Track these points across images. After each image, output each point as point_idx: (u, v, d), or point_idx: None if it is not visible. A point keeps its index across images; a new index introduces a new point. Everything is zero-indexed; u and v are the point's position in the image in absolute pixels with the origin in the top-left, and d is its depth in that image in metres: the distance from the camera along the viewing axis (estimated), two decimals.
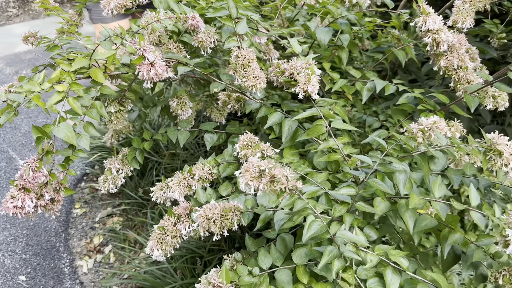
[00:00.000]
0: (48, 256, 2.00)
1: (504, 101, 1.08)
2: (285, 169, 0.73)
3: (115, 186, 1.18)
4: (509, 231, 0.70)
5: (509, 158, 0.77)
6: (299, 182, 0.72)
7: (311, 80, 0.95)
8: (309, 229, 0.72)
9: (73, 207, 2.28)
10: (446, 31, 1.00)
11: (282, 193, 0.72)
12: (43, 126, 0.91)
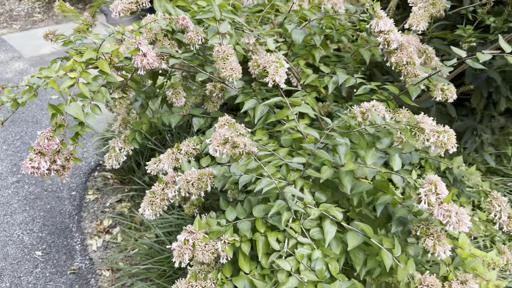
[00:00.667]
0: (62, 235, 2.22)
1: (451, 94, 1.24)
2: (244, 138, 0.92)
3: (118, 163, 1.39)
4: (421, 190, 0.88)
5: (430, 134, 0.94)
6: (254, 148, 0.91)
7: (279, 71, 1.14)
8: (259, 183, 0.91)
9: (87, 193, 2.50)
10: (396, 31, 1.18)
11: (240, 155, 0.91)
12: (58, 105, 1.12)
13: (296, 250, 0.92)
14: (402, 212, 0.95)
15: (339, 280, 0.88)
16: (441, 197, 0.86)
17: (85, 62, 1.19)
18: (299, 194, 0.94)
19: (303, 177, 1.02)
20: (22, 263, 2.04)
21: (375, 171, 0.95)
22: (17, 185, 2.51)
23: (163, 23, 1.23)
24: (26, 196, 2.43)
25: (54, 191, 2.48)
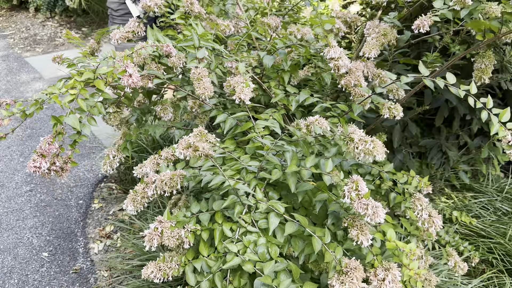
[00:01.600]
0: (67, 239, 2.43)
1: (398, 112, 1.43)
2: (204, 143, 1.13)
3: (111, 168, 1.60)
4: (345, 187, 1.06)
5: (358, 143, 1.13)
6: (211, 151, 1.11)
7: (244, 90, 1.35)
8: (214, 179, 1.11)
9: (93, 202, 2.73)
10: (345, 58, 1.38)
11: (200, 157, 1.11)
12: (58, 116, 1.35)
13: (245, 237, 1.11)
14: (334, 207, 1.13)
15: (276, 262, 1.06)
16: (361, 193, 1.04)
17: (84, 81, 1.42)
18: (248, 190, 1.13)
19: (259, 179, 1.21)
20: (30, 262, 2.25)
21: (310, 172, 1.14)
22: (30, 194, 2.75)
23: (150, 50, 1.46)
24: (37, 204, 2.67)
25: (63, 200, 2.71)
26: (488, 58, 1.44)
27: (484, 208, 2.28)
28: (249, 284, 1.09)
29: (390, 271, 1.09)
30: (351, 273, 1.02)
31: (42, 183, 2.84)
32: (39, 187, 2.81)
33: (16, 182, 2.84)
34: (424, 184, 1.51)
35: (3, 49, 5.20)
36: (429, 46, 1.99)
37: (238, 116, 1.38)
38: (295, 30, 1.66)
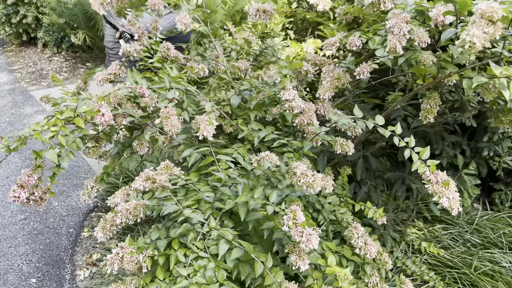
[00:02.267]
0: (56, 266, 2.54)
1: (349, 148, 1.56)
2: (162, 176, 1.26)
3: (89, 198, 1.74)
4: (285, 216, 1.19)
5: (300, 176, 1.26)
6: (167, 183, 1.24)
7: (207, 128, 1.49)
8: (168, 209, 1.23)
9: (82, 230, 2.85)
10: (298, 99, 1.52)
11: (157, 189, 1.24)
12: (39, 151, 1.49)
13: (196, 262, 1.22)
14: (278, 234, 1.25)
15: (222, 285, 1.17)
16: (297, 222, 1.16)
17: (65, 119, 1.57)
18: (200, 219, 1.26)
19: (216, 208, 1.34)
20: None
21: (257, 203, 1.26)
22: (24, 222, 2.88)
23: (126, 91, 1.62)
24: (30, 232, 2.80)
25: (55, 228, 2.84)
26: (434, 99, 1.57)
27: (453, 239, 2.36)
28: None
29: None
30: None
31: (36, 212, 2.98)
32: (33, 216, 2.94)
33: (12, 211, 2.97)
34: (379, 214, 1.62)
35: (10, 83, 5.45)
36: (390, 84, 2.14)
37: (202, 150, 1.52)
38: (262, 73, 1.82)
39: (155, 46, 1.91)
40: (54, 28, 5.94)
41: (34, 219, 2.91)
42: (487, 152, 2.33)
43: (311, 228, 1.17)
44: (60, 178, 3.39)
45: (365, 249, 1.30)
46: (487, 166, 2.51)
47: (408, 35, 1.28)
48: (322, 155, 1.90)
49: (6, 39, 6.82)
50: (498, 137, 2.27)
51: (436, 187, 1.14)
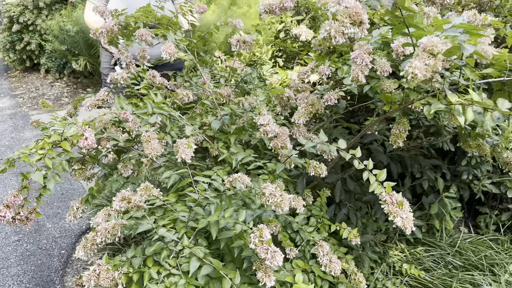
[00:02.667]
0: (46, 286, 2.59)
1: (322, 170, 1.63)
2: (137, 196, 1.33)
3: (75, 218, 1.81)
4: (252, 234, 1.25)
5: (269, 196, 1.33)
6: (142, 203, 1.32)
7: (185, 151, 1.57)
8: (141, 227, 1.30)
9: (74, 252, 2.90)
10: (272, 124, 1.60)
11: (132, 208, 1.32)
12: (26, 173, 1.57)
13: (168, 279, 1.28)
14: (247, 252, 1.31)
15: None
16: (264, 240, 1.23)
17: (52, 143, 1.66)
18: (173, 237, 1.32)
19: (190, 227, 1.41)
20: None
21: (227, 222, 1.33)
22: (17, 243, 2.94)
23: (110, 116, 1.71)
24: (23, 253, 2.85)
25: (47, 249, 2.90)
26: (403, 124, 1.65)
27: (435, 261, 2.40)
28: None
29: None
30: None
31: (29, 234, 3.04)
32: (26, 237, 3.00)
33: (6, 233, 3.04)
34: (353, 235, 1.68)
35: (12, 108, 5.59)
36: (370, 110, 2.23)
37: (181, 172, 1.59)
38: (243, 99, 1.91)
39: (142, 74, 2.01)
40: (56, 54, 6.11)
41: (27, 240, 2.97)
42: (466, 175, 2.40)
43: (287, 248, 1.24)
44: (54, 201, 3.46)
45: (330, 266, 1.36)
46: (470, 189, 2.57)
47: (370, 65, 1.37)
48: (301, 178, 1.97)
49: (10, 65, 7.00)
50: (476, 161, 2.34)
51: (391, 207, 1.20)
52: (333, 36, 1.11)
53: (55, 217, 3.25)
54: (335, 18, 1.11)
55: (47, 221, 3.19)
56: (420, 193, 2.58)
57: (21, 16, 6.32)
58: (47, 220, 3.20)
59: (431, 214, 2.55)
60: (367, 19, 1.12)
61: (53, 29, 5.73)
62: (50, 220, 3.21)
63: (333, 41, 1.12)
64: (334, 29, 1.10)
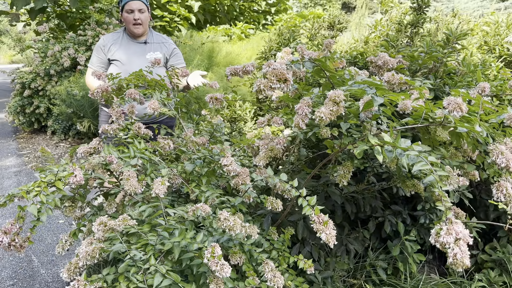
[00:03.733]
0: None
1: (278, 205, 1.89)
2: (112, 221, 1.60)
3: (63, 250, 2.05)
4: (206, 251, 1.49)
5: (223, 221, 1.59)
6: (118, 227, 1.57)
7: (159, 187, 1.85)
8: (115, 246, 1.55)
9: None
10: (234, 164, 1.89)
11: (107, 231, 1.57)
12: (23, 206, 1.84)
13: None
14: (203, 268, 1.55)
15: None
16: (215, 255, 1.47)
17: (47, 182, 1.94)
18: (141, 255, 1.56)
19: (157, 250, 1.65)
20: None
21: (188, 243, 1.57)
22: (12, 287, 3.12)
23: (98, 160, 2.01)
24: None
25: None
26: (347, 167, 1.93)
27: None
28: None
29: None
30: None
31: (23, 279, 3.23)
32: (20, 282, 3.19)
33: (2, 277, 3.23)
34: (308, 265, 1.90)
35: (18, 166, 5.92)
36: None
37: (154, 205, 1.86)
38: (215, 146, 2.21)
39: (130, 126, 2.33)
40: (62, 117, 6.54)
41: (21, 284, 3.16)
42: (423, 219, 2.63)
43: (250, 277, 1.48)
44: (50, 250, 3.67)
45: (273, 280, 1.58)
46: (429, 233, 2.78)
47: (310, 115, 1.68)
48: (267, 217, 2.22)
49: (19, 127, 7.44)
50: (430, 206, 2.58)
51: (319, 226, 1.45)
52: (262, 89, 1.43)
53: (49, 264, 3.45)
54: (265, 76, 1.44)
55: (42, 268, 3.39)
56: (385, 238, 2.80)
57: (32, 83, 6.85)
58: (42, 267, 3.40)
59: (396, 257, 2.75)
60: (291, 77, 1.45)
61: (61, 94, 6.20)
62: (45, 266, 3.41)
63: (263, 93, 1.43)
64: (263, 84, 1.43)
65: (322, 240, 1.50)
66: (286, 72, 1.45)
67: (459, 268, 1.18)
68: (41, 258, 3.54)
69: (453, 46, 2.52)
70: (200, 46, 7.35)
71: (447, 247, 1.17)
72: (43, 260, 3.50)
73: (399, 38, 2.80)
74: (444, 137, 1.62)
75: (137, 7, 3.19)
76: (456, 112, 1.36)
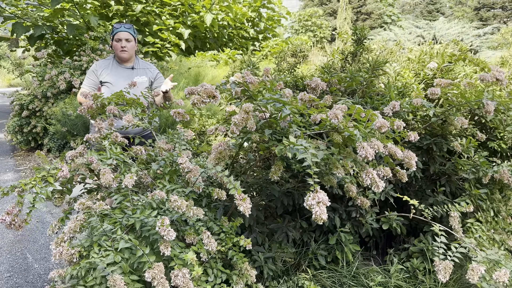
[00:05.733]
0: None
1: (222, 195, 2.43)
2: (89, 201, 2.13)
3: (53, 233, 2.56)
4: (158, 222, 2.02)
5: (173, 202, 2.12)
6: (92, 205, 2.11)
7: (128, 180, 2.38)
8: (92, 222, 2.07)
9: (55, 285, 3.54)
10: (187, 163, 2.42)
11: (85, 209, 2.11)
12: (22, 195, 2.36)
13: (105, 253, 2.03)
14: (156, 236, 2.07)
15: (117, 263, 1.97)
16: (164, 224, 1.99)
17: (40, 177, 2.47)
18: (110, 227, 2.09)
19: (123, 225, 2.18)
20: None
21: (145, 218, 2.10)
22: (8, 278, 3.61)
23: (82, 160, 2.54)
24: (12, 285, 3.51)
25: (33, 283, 3.55)
26: (278, 165, 2.48)
27: (334, 283, 3.07)
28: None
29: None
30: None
31: (19, 272, 3.71)
32: (16, 274, 3.67)
33: (0, 271, 3.71)
34: (246, 242, 2.42)
35: (15, 180, 6.42)
36: None
37: (124, 193, 2.39)
38: (177, 151, 2.75)
39: (109, 135, 2.88)
40: (58, 135, 7.08)
41: (17, 276, 3.64)
42: (354, 214, 3.16)
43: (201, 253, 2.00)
44: (43, 249, 4.16)
45: (208, 244, 2.10)
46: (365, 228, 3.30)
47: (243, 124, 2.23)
48: (220, 208, 2.74)
49: (17, 146, 7.96)
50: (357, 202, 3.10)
51: (239, 201, 1.98)
52: (195, 103, 1.98)
53: (42, 260, 3.94)
54: (198, 94, 1.99)
55: (35, 263, 3.87)
56: (326, 231, 3.32)
57: (30, 104, 7.42)
58: (35, 262, 3.89)
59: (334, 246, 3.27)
60: (219, 95, 2.01)
61: (57, 114, 6.76)
62: (38, 262, 3.89)
63: (196, 106, 1.99)
64: (197, 99, 1.98)
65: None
66: (215, 91, 2.01)
67: (319, 222, 1.70)
68: (35, 255, 4.03)
69: (376, 72, 3.10)
70: (186, 71, 7.97)
71: (312, 208, 1.70)
72: (37, 257, 3.99)
73: (331, 66, 3.39)
74: (338, 139, 2.17)
75: (124, 37, 3.80)
76: (334, 120, 1.92)
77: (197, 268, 1.99)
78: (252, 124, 2.28)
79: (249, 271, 2.42)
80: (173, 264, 2.03)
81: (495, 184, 3.33)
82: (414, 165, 2.11)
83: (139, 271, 2.04)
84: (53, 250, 2.25)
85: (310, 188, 1.77)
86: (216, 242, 2.38)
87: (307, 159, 1.82)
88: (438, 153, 3.10)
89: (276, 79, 2.77)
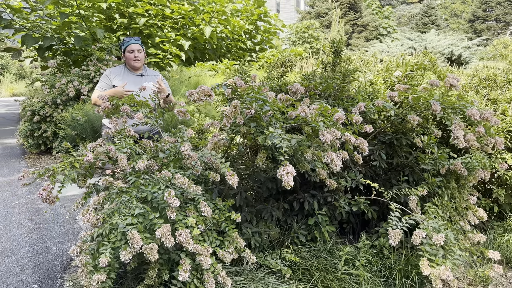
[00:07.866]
0: (51, 279, 3.76)
1: (216, 177, 3.00)
2: (111, 179, 2.70)
3: (77, 208, 3.11)
4: (165, 193, 2.59)
5: (177, 179, 2.68)
6: (113, 182, 2.67)
7: (140, 163, 2.95)
8: (113, 196, 2.63)
9: (72, 262, 4.08)
10: (189, 150, 2.99)
11: (108, 183, 2.67)
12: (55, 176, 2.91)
13: (124, 217, 2.59)
14: (164, 204, 2.63)
15: (135, 225, 2.53)
16: (171, 196, 2.56)
17: (68, 163, 3.03)
18: (127, 198, 2.66)
19: (138, 198, 2.74)
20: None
21: (156, 192, 2.66)
22: (31, 257, 4.15)
23: (101, 149, 3.11)
24: (35, 263, 4.05)
25: (53, 261, 4.09)
26: (263, 154, 3.04)
27: (312, 256, 3.62)
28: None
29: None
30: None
31: (40, 252, 4.25)
32: (37, 254, 4.21)
33: (24, 252, 4.25)
34: (236, 216, 2.98)
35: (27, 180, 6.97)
36: None
37: (138, 175, 2.96)
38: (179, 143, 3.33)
39: (123, 130, 3.45)
40: (67, 139, 7.64)
41: (38, 255, 4.18)
42: (330, 199, 3.72)
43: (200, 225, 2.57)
44: (59, 235, 4.70)
45: (205, 211, 2.66)
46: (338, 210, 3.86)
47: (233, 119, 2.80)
48: (215, 190, 3.31)
49: (27, 149, 8.52)
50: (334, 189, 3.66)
51: (228, 176, 2.54)
52: (195, 100, 2.56)
53: (59, 243, 4.48)
54: (197, 93, 2.57)
55: (53, 246, 4.42)
56: (307, 214, 3.87)
57: (41, 110, 8.00)
58: (53, 245, 4.43)
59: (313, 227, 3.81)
60: (213, 94, 2.58)
61: (67, 119, 7.34)
62: (56, 245, 4.44)
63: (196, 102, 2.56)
64: (196, 97, 2.55)
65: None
66: (210, 91, 2.59)
67: (288, 187, 2.26)
68: (53, 240, 4.57)
69: (347, 79, 3.69)
70: (187, 80, 8.58)
71: (283, 177, 2.26)
72: (54, 241, 4.53)
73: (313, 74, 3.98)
74: (308, 130, 2.74)
75: (136, 48, 4.42)
76: (302, 113, 2.50)
77: (196, 230, 2.55)
78: (241, 119, 2.85)
79: (238, 239, 2.98)
80: (177, 226, 2.59)
81: (451, 175, 3.90)
82: (366, 149, 2.69)
83: (151, 231, 2.60)
84: (81, 217, 2.81)
85: (281, 163, 2.34)
86: (211, 217, 2.93)
87: (280, 142, 2.39)
88: (399, 147, 3.67)
89: (264, 84, 3.35)
